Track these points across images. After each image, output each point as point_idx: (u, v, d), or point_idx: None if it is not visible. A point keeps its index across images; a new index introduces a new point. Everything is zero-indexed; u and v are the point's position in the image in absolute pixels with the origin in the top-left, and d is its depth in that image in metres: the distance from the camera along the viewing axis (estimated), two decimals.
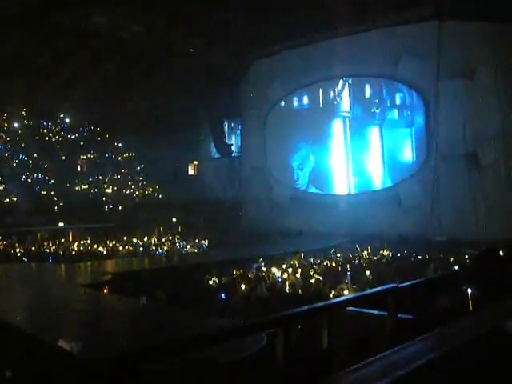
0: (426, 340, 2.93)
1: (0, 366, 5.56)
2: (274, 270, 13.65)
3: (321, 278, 12.32)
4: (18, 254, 20.70)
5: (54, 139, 38.15)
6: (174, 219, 34.44)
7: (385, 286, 6.17)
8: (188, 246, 24.01)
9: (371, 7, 23.72)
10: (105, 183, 38.04)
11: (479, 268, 5.93)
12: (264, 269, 13.96)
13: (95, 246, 22.83)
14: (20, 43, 27.21)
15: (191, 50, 29.54)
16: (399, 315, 5.51)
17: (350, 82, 27.58)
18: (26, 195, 32.81)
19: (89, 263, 17.93)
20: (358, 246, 19.13)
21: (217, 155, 39.09)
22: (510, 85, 23.00)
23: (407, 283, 6.46)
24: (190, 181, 41.02)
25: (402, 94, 25.85)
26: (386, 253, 18.12)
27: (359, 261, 16.58)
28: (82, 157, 38.44)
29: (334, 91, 28.30)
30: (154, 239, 25.99)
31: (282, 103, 30.28)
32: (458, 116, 23.38)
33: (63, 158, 37.46)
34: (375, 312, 6.50)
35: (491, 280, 5.65)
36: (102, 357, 3.80)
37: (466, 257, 15.79)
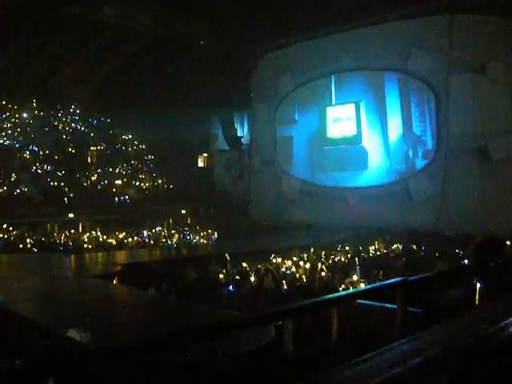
0: (435, 332, 2.94)
1: (9, 355, 5.61)
2: (282, 262, 13.68)
3: (329, 271, 12.35)
4: (28, 245, 20.80)
5: (64, 130, 38.21)
6: (184, 211, 34.47)
7: (394, 279, 6.17)
8: (197, 238, 24.05)
9: (382, 0, 23.64)
10: (114, 174, 38.06)
11: (477, 260, 5.90)
12: (273, 261, 13.98)
13: (105, 237, 22.88)
14: (30, 34, 27.30)
15: (201, 43, 29.52)
16: (408, 308, 5.51)
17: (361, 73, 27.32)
18: (36, 186, 32.93)
19: (98, 254, 17.99)
20: (366, 240, 19.17)
21: (227, 147, 39.08)
22: None
23: (416, 276, 6.46)
24: (199, 173, 41.06)
25: (414, 88, 25.67)
26: (395, 246, 18.11)
27: (368, 254, 16.59)
28: (92, 148, 38.49)
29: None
30: (163, 231, 26.02)
31: (292, 96, 30.16)
32: (469, 110, 23.27)
33: (73, 149, 37.54)
34: (384, 305, 6.51)
35: (491, 272, 5.61)
36: (112, 346, 3.82)
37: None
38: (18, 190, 32.69)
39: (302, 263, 13.59)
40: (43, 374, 3.09)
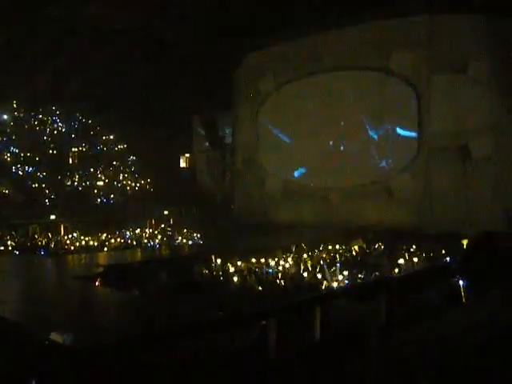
0: (419, 330, 2.95)
1: None
2: (265, 262, 13.68)
3: (312, 271, 12.36)
4: (10, 247, 20.64)
5: (45, 132, 37.94)
6: (166, 212, 34.39)
7: (377, 278, 6.19)
8: (180, 238, 24.01)
9: (364, 0, 23.71)
10: (96, 176, 37.88)
11: (471, 256, 5.92)
12: (256, 260, 13.98)
13: (87, 239, 22.76)
14: (11, 34, 27.06)
15: (184, 42, 29.40)
16: (392, 307, 5.53)
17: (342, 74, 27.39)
18: (17, 188, 32.71)
19: (81, 256, 17.89)
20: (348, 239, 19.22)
21: (209, 147, 39.01)
22: (502, 78, 23.03)
23: (399, 275, 6.49)
24: (181, 173, 40.96)
25: (394, 87, 25.76)
26: (377, 245, 18.17)
27: (351, 253, 16.65)
28: (73, 149, 38.23)
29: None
30: (146, 231, 25.94)
31: (275, 96, 30.10)
32: (449, 109, 23.40)
33: (54, 150, 37.28)
34: (368, 304, 6.51)
35: (481, 268, 5.64)
36: (94, 347, 3.80)
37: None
38: None
39: (284, 263, 13.60)
40: (27, 375, 3.07)
